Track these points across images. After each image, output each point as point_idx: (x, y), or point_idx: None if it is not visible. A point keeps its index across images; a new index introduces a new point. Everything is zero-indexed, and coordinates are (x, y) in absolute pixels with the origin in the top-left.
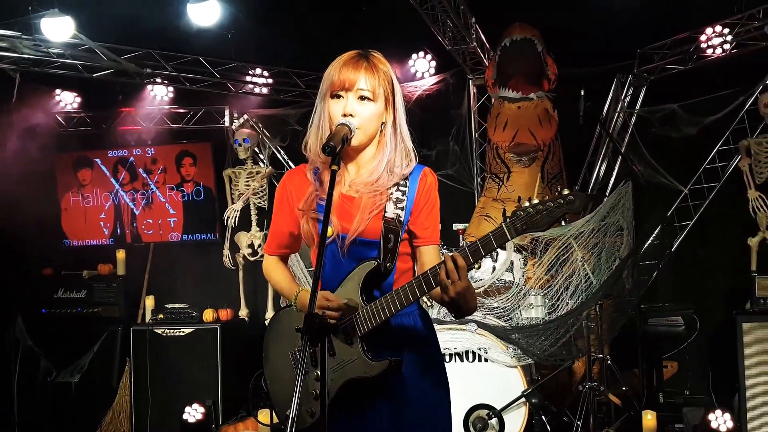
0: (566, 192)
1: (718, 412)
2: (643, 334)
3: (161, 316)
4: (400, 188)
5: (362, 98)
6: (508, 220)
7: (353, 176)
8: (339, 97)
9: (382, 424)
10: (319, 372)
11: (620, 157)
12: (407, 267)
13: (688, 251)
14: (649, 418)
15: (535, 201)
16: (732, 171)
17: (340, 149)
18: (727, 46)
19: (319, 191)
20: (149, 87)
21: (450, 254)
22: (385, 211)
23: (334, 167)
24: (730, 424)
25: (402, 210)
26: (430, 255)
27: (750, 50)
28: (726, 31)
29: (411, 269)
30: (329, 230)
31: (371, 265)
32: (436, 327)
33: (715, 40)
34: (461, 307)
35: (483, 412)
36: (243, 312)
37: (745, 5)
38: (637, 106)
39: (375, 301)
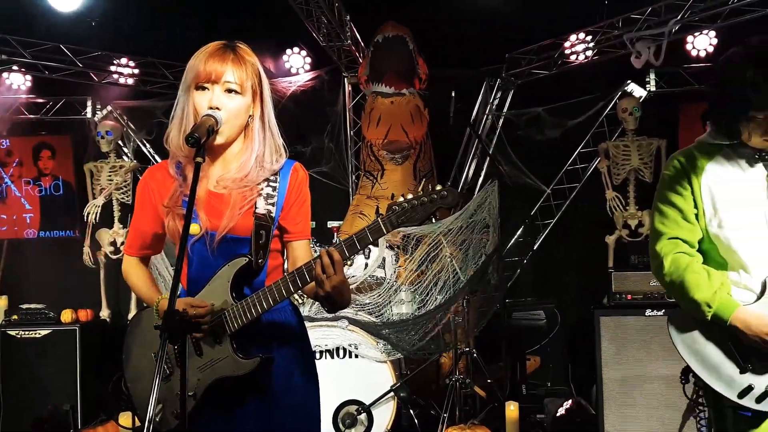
0: (439, 188)
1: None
2: (507, 328)
3: (15, 317)
4: (271, 184)
5: (229, 91)
6: (384, 214)
7: (221, 172)
8: (204, 89)
9: (250, 423)
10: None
11: (488, 158)
12: (278, 263)
13: (550, 248)
14: (512, 408)
15: (410, 196)
16: (592, 172)
17: (204, 141)
18: (589, 53)
19: (184, 187)
20: (5, 75)
21: (326, 249)
22: (256, 207)
23: (199, 159)
24: (567, 404)
25: (273, 206)
26: (301, 250)
27: (610, 57)
28: (589, 38)
29: (282, 266)
30: (197, 227)
31: (241, 262)
32: (308, 324)
33: (578, 47)
34: (336, 302)
35: (352, 408)
36: (104, 312)
37: (606, 14)
38: (505, 109)
39: (246, 298)
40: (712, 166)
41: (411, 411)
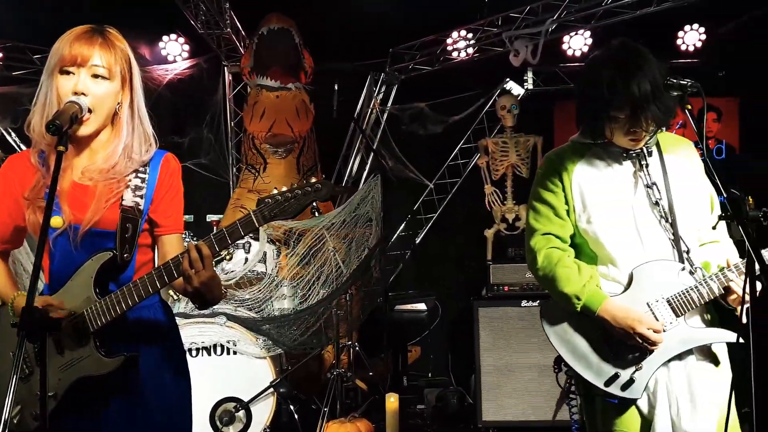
0: (314, 180)
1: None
2: (390, 321)
3: None
4: (140, 175)
5: (96, 76)
6: (256, 207)
7: (87, 163)
8: (69, 73)
9: (116, 423)
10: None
11: (372, 152)
12: (147, 259)
13: (432, 242)
14: (392, 400)
15: (284, 189)
16: (472, 168)
17: (67, 128)
18: (470, 50)
19: (47, 178)
20: None
21: (194, 243)
22: (123, 200)
23: (61, 148)
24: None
25: (141, 198)
26: (172, 245)
27: (490, 55)
28: (470, 35)
29: (152, 261)
30: (59, 220)
31: (106, 257)
32: (183, 321)
33: (460, 44)
34: (206, 298)
35: (230, 405)
36: None
37: (486, 12)
38: (389, 104)
39: (110, 294)
40: (582, 164)
41: (291, 406)
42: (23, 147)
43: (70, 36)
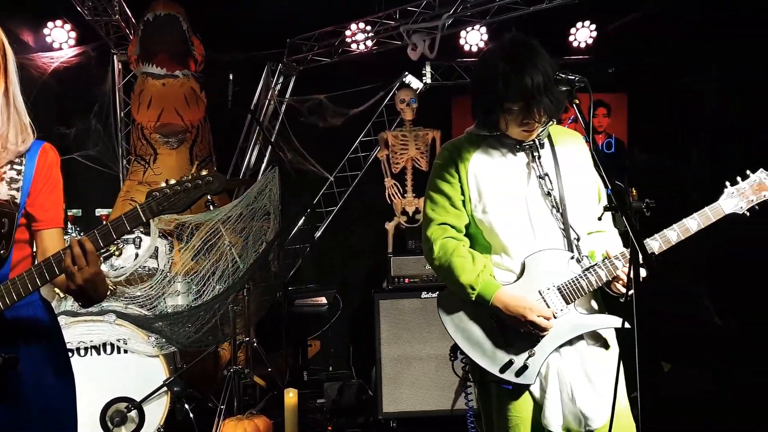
0: (205, 173)
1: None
2: (289, 316)
3: None
4: (15, 167)
5: None
6: (144, 201)
7: None
8: None
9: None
10: None
11: (270, 145)
12: (25, 254)
13: (332, 235)
14: (290, 396)
15: (173, 181)
16: (372, 161)
17: None
18: (369, 43)
19: None
20: None
21: (77, 238)
22: None
23: None
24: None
25: (18, 191)
26: (53, 240)
27: (389, 48)
28: (368, 28)
29: (31, 257)
30: None
31: None
32: (70, 319)
33: (359, 36)
34: (89, 295)
35: (121, 405)
36: None
37: (384, 5)
38: (287, 95)
39: None
40: (477, 155)
41: (186, 405)
42: None
43: None
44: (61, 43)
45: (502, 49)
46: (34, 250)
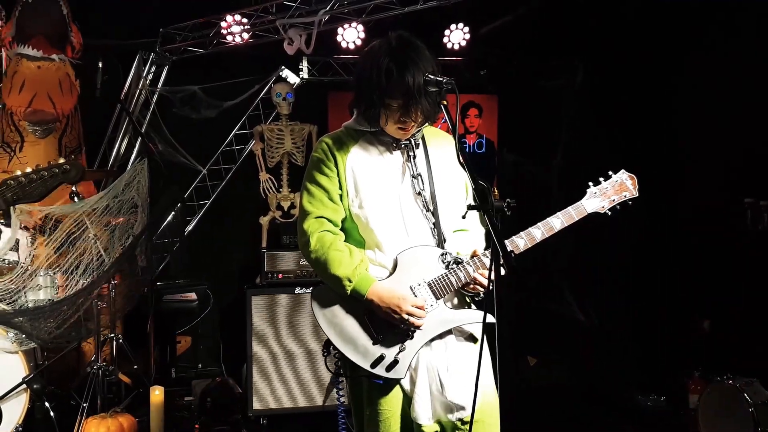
0: (62, 161)
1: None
2: (157, 312)
3: None
4: None
5: None
6: None
7: None
8: None
9: None
10: None
11: (140, 135)
12: None
13: (204, 229)
14: (156, 393)
15: (29, 170)
16: (247, 154)
17: None
18: (245, 36)
19: None
20: None
21: None
22: None
23: None
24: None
25: None
26: None
27: (265, 41)
28: (245, 20)
29: None
30: None
31: None
32: None
33: (235, 28)
34: None
35: None
36: None
37: None
38: (159, 85)
39: None
40: (356, 149)
41: (46, 403)
42: None
43: None
44: None
45: (388, 46)
46: None
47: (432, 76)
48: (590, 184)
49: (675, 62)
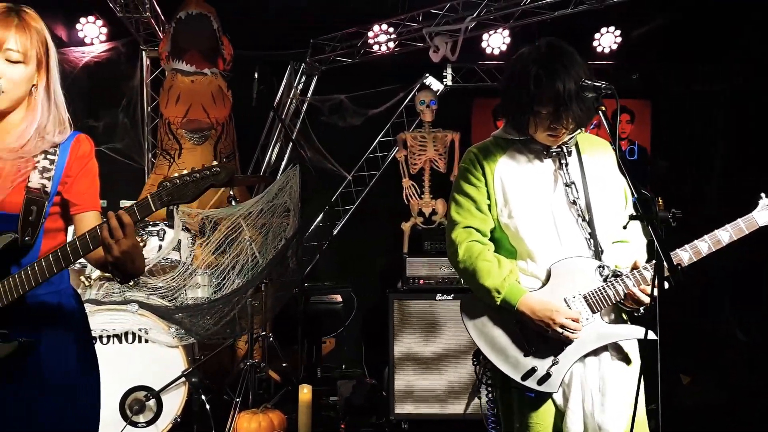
0: (214, 163)
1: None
2: (305, 312)
3: None
4: (49, 156)
5: (11, 59)
6: (155, 191)
7: None
8: None
9: (14, 410)
10: None
11: (291, 142)
12: (56, 244)
13: (349, 233)
14: (305, 391)
15: (183, 173)
16: (390, 161)
17: None
18: (391, 44)
19: None
20: None
21: (114, 213)
22: (29, 181)
23: None
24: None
25: (49, 180)
26: (89, 222)
27: (410, 50)
28: (391, 30)
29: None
30: None
31: (6, 240)
32: (94, 308)
33: (381, 38)
34: (127, 268)
35: (140, 394)
36: None
37: (407, 7)
38: (309, 94)
39: (8, 277)
40: (504, 159)
41: (203, 396)
42: None
43: None
44: (92, 38)
45: (537, 52)
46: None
47: (589, 82)
48: (762, 195)
49: None
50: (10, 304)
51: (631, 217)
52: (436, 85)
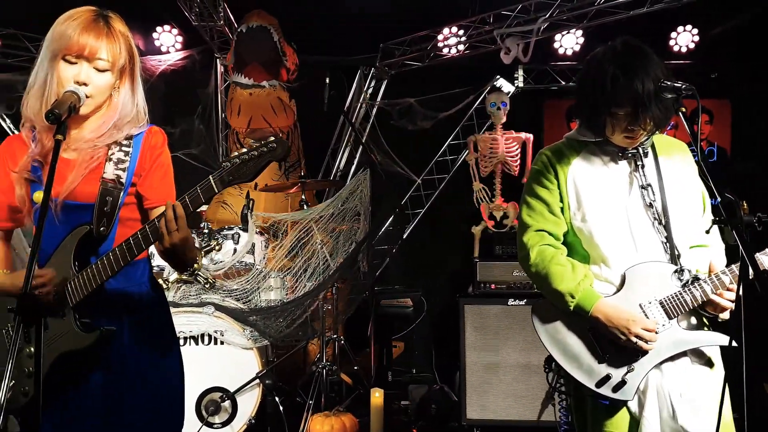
0: (271, 139)
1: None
2: (375, 316)
3: None
4: (123, 148)
5: (99, 68)
6: (214, 172)
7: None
8: (73, 62)
9: (99, 399)
10: (32, 349)
11: (361, 146)
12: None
13: (418, 237)
14: (377, 395)
15: (242, 151)
16: (460, 164)
17: (66, 118)
18: (461, 47)
19: (34, 152)
20: None
21: (170, 203)
22: (104, 172)
23: (59, 137)
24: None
25: (124, 171)
26: None
27: (481, 52)
28: (461, 32)
29: None
30: (40, 194)
31: (82, 231)
32: (172, 310)
33: (451, 41)
34: (180, 258)
35: (216, 395)
36: None
37: (478, 9)
38: (379, 99)
39: (87, 268)
40: (578, 161)
41: (276, 398)
42: (17, 132)
43: (76, 23)
44: (168, 46)
45: (613, 52)
46: None
47: (669, 83)
48: None
49: None
50: (90, 294)
51: (715, 221)
52: (507, 87)
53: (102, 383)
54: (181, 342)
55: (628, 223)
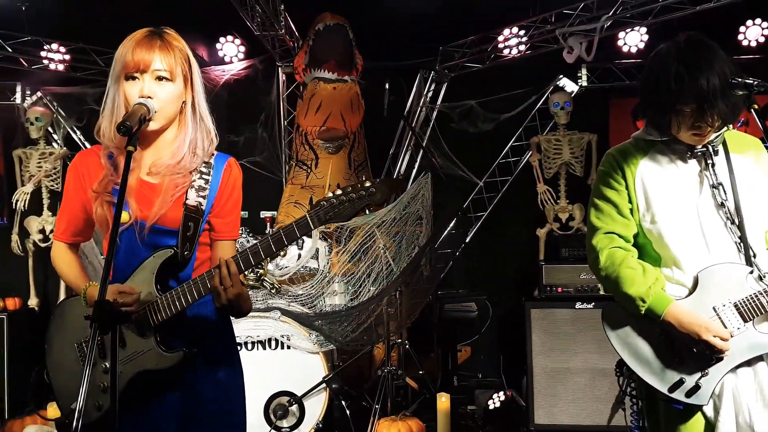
0: (368, 184)
1: (495, 395)
2: (440, 320)
3: None
4: (204, 176)
5: (159, 78)
6: (312, 209)
7: (154, 159)
8: (134, 78)
9: (173, 417)
10: (107, 364)
11: (422, 150)
12: (206, 257)
13: (482, 240)
14: (443, 400)
15: (339, 192)
16: (523, 166)
17: (137, 129)
18: (522, 47)
19: (114, 176)
20: None
21: (225, 260)
22: (187, 198)
23: (131, 148)
24: (499, 396)
25: (204, 198)
26: (225, 250)
27: (542, 52)
28: (522, 33)
29: (210, 259)
30: (126, 216)
31: (167, 254)
32: None
33: (512, 41)
34: (234, 311)
35: (284, 399)
36: (33, 301)
37: (539, 9)
38: (439, 102)
39: (171, 290)
40: (645, 161)
41: (343, 402)
42: (87, 145)
43: (131, 42)
44: (231, 56)
45: (676, 48)
46: None
47: (739, 79)
48: None
49: None
50: (173, 316)
51: None
52: (570, 87)
53: (178, 403)
54: (249, 346)
55: (700, 224)
